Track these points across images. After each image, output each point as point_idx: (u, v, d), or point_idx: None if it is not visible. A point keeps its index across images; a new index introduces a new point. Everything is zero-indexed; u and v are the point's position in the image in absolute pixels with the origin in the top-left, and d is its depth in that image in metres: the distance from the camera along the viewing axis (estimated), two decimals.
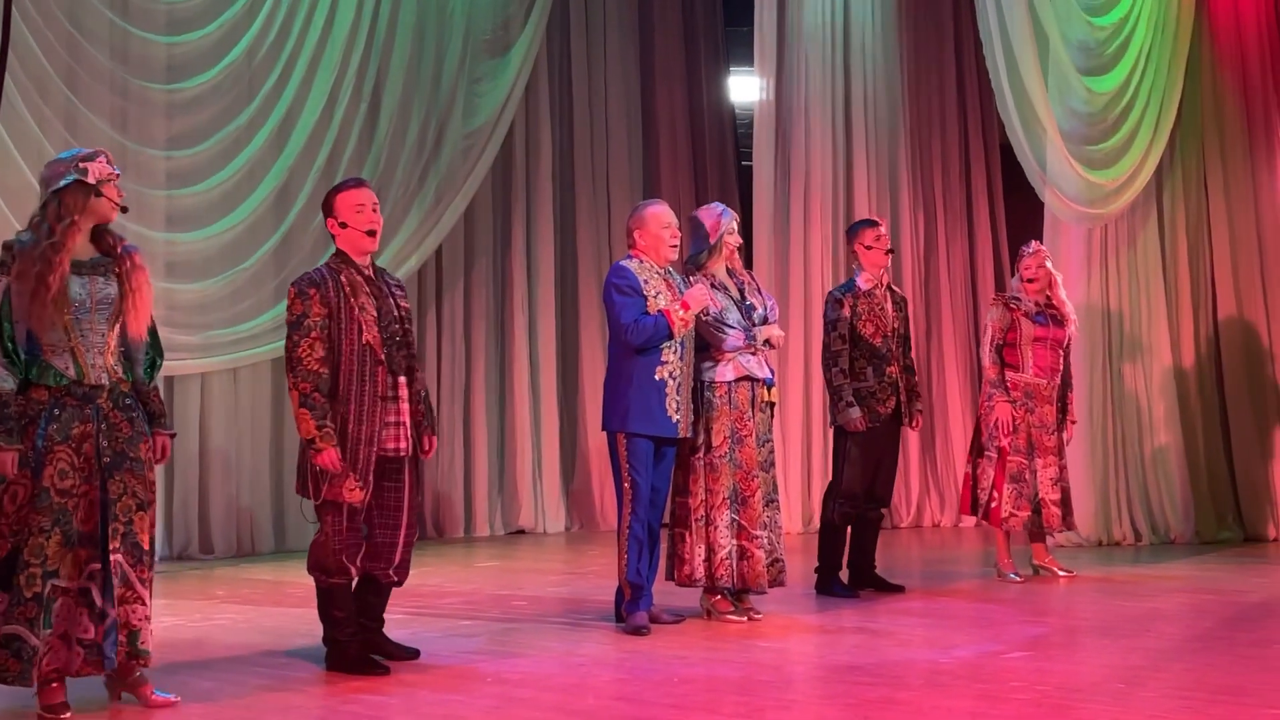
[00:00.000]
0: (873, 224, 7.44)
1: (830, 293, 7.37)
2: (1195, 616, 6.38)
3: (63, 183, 4.51)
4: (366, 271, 5.28)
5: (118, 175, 4.62)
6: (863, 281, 7.26)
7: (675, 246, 6.24)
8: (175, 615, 6.58)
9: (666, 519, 6.30)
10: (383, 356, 5.17)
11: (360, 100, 9.95)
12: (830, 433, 8.09)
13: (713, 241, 6.35)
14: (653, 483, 6.09)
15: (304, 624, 5.88)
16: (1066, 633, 6.10)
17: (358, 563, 5.20)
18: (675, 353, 6.09)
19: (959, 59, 12.11)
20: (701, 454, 6.19)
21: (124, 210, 4.64)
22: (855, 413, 7.03)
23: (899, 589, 7.21)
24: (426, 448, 5.35)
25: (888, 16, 11.72)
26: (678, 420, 6.07)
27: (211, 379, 9.32)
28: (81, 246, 4.56)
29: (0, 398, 4.35)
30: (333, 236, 5.34)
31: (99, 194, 4.55)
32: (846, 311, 7.14)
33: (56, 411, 4.44)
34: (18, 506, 4.37)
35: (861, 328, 7.15)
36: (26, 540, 4.35)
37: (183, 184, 9.15)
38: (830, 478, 7.38)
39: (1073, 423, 7.89)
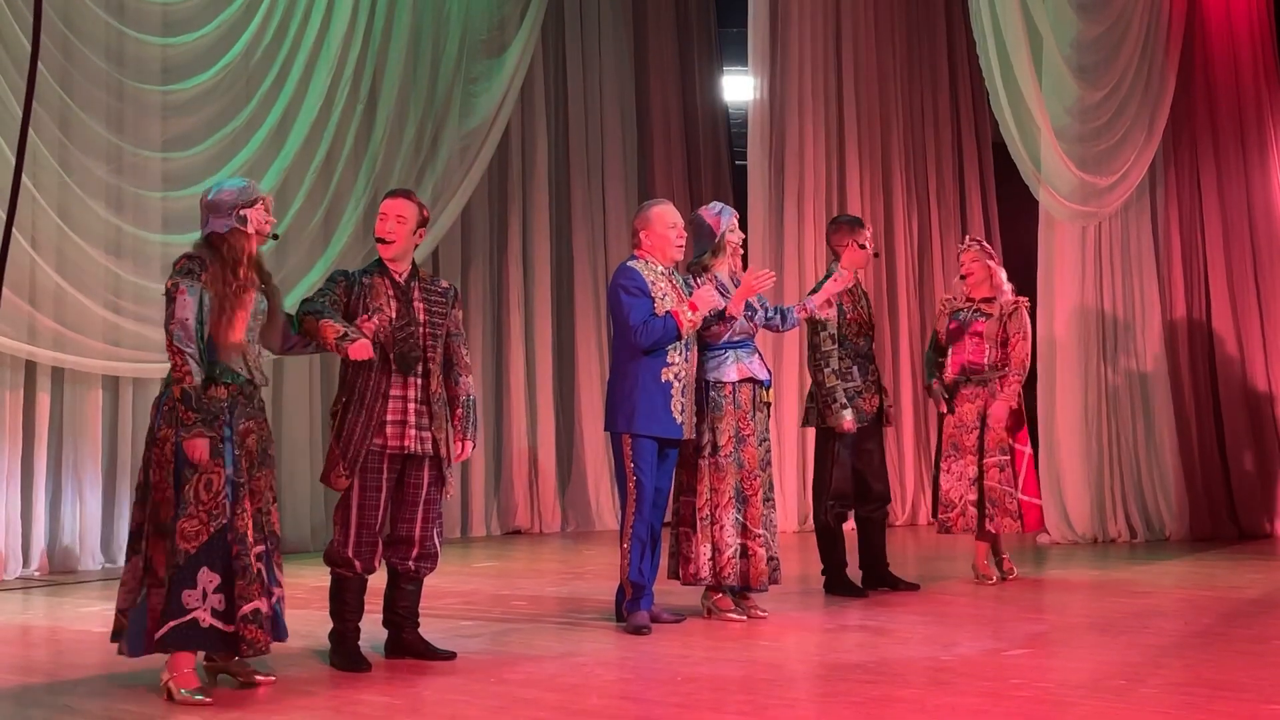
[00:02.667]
0: (863, 224, 7.37)
1: (813, 291, 7.18)
2: (1193, 613, 6.39)
3: (225, 229, 4.88)
4: (397, 278, 5.34)
5: (272, 222, 5.00)
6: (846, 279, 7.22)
7: (681, 246, 6.24)
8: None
9: (669, 518, 6.31)
10: (391, 355, 5.22)
11: (357, 101, 9.95)
12: (807, 433, 8.04)
13: (715, 241, 6.37)
14: (656, 483, 6.10)
15: (306, 624, 5.88)
16: (1066, 630, 6.11)
17: (375, 561, 5.28)
18: (681, 354, 6.11)
19: (951, 58, 12.14)
20: (707, 454, 6.21)
21: (275, 238, 5.07)
22: (849, 415, 6.95)
23: (913, 587, 7.20)
24: (459, 451, 5.43)
25: (880, 16, 11.74)
26: (682, 422, 6.09)
27: None
28: None
29: (194, 390, 4.67)
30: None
31: (256, 235, 4.95)
32: (834, 311, 7.03)
33: (233, 408, 4.79)
34: (213, 494, 4.69)
35: (846, 327, 7.06)
36: (227, 524, 4.69)
37: (179, 185, 9.13)
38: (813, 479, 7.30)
39: (1008, 406, 7.38)
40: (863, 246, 7.18)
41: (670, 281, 6.19)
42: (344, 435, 5.18)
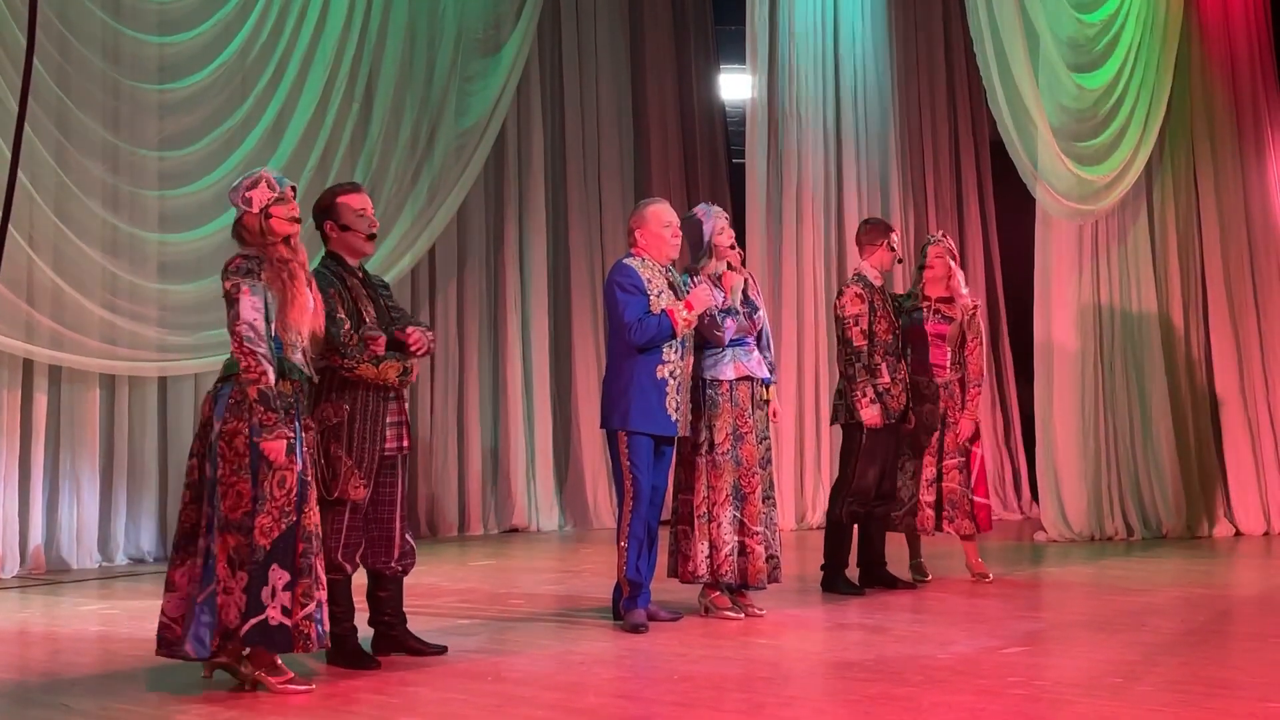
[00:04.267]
0: (892, 227, 7.45)
1: (848, 286, 7.25)
2: (1189, 611, 6.40)
3: (240, 214, 4.90)
4: (359, 275, 5.36)
5: (281, 193, 4.90)
6: (872, 277, 7.23)
7: (676, 245, 6.26)
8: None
9: (667, 516, 6.32)
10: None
11: (352, 100, 9.94)
12: (829, 429, 8.04)
13: (705, 243, 6.39)
14: (652, 481, 6.11)
15: None
16: (1062, 628, 6.12)
17: (356, 560, 5.28)
18: (676, 352, 6.12)
19: (949, 56, 12.14)
20: (704, 451, 6.22)
21: (297, 221, 4.96)
22: (877, 409, 6.99)
23: (910, 585, 7.22)
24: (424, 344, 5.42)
25: (878, 14, 11.75)
26: (677, 419, 6.11)
27: (205, 380, 9.27)
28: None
29: (270, 390, 4.71)
30: (325, 239, 5.39)
31: (268, 215, 4.88)
32: (865, 306, 7.09)
33: (297, 404, 4.84)
34: (285, 491, 4.72)
35: (876, 324, 7.12)
36: (306, 523, 4.75)
37: (175, 184, 9.13)
38: (826, 475, 7.35)
39: (973, 420, 7.37)
40: (891, 249, 7.26)
41: (667, 280, 6.20)
42: (355, 444, 5.16)
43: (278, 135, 9.53)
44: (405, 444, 5.32)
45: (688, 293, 6.19)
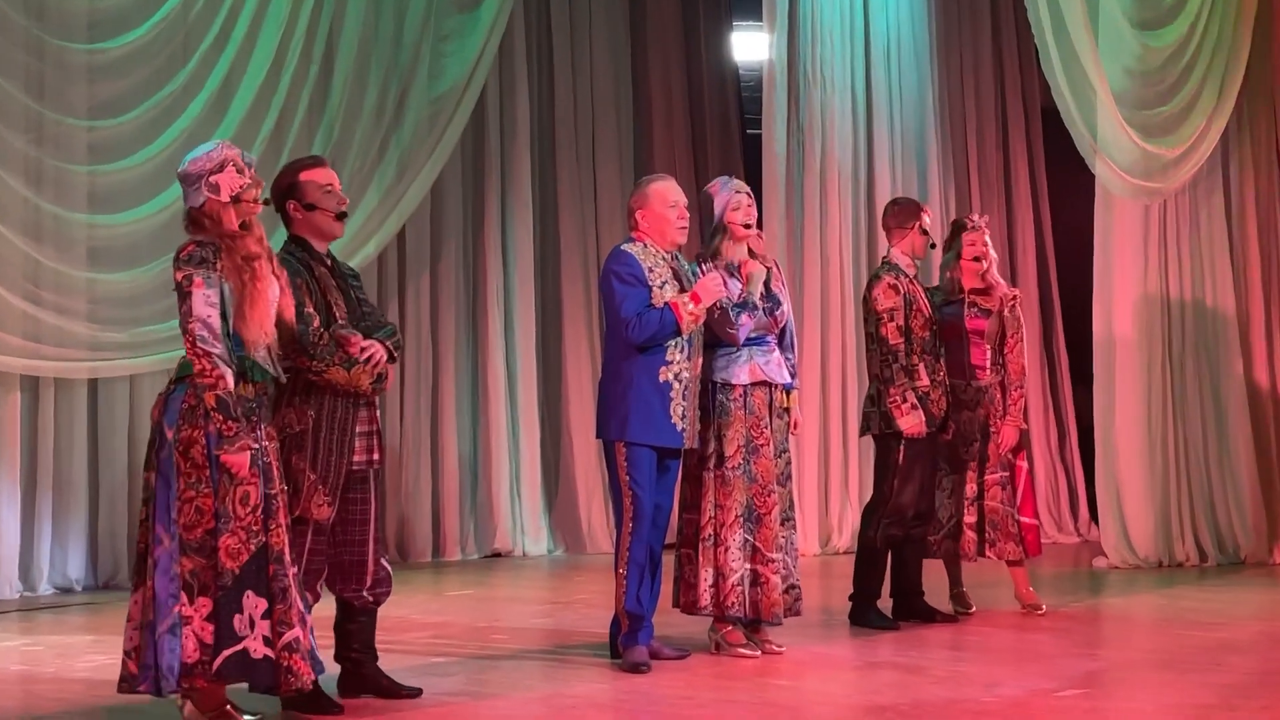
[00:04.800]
0: (924, 207, 7.42)
1: (877, 275, 7.25)
2: (1271, 647, 6.40)
3: (200, 201, 4.88)
4: (328, 262, 5.38)
5: (250, 181, 4.93)
6: (905, 265, 7.23)
7: (684, 228, 6.24)
8: (103, 653, 6.51)
9: (672, 539, 6.32)
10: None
11: (310, 62, 9.91)
12: (859, 443, 8.00)
13: (715, 222, 6.39)
14: (655, 499, 6.10)
15: None
16: (1125, 668, 6.12)
17: (318, 588, 5.29)
18: (682, 351, 6.11)
19: (995, 10, 12.14)
20: (712, 465, 6.22)
21: (267, 203, 5.06)
22: (919, 416, 6.99)
23: (950, 618, 7.23)
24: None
25: None
26: (683, 429, 6.10)
27: (142, 382, 9.28)
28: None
29: (229, 395, 4.70)
30: (288, 221, 5.39)
31: (238, 201, 4.90)
32: (901, 298, 7.09)
33: (259, 409, 4.85)
34: (250, 508, 4.73)
35: (912, 319, 7.11)
36: (272, 541, 4.75)
37: (108, 158, 9.12)
38: (855, 492, 7.35)
39: (1016, 428, 7.42)
40: (924, 232, 7.26)
41: (672, 268, 6.20)
42: (320, 457, 5.17)
43: (225, 102, 9.51)
44: (376, 457, 5.33)
45: (695, 283, 6.18)
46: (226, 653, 4.67)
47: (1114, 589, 8.65)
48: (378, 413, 5.36)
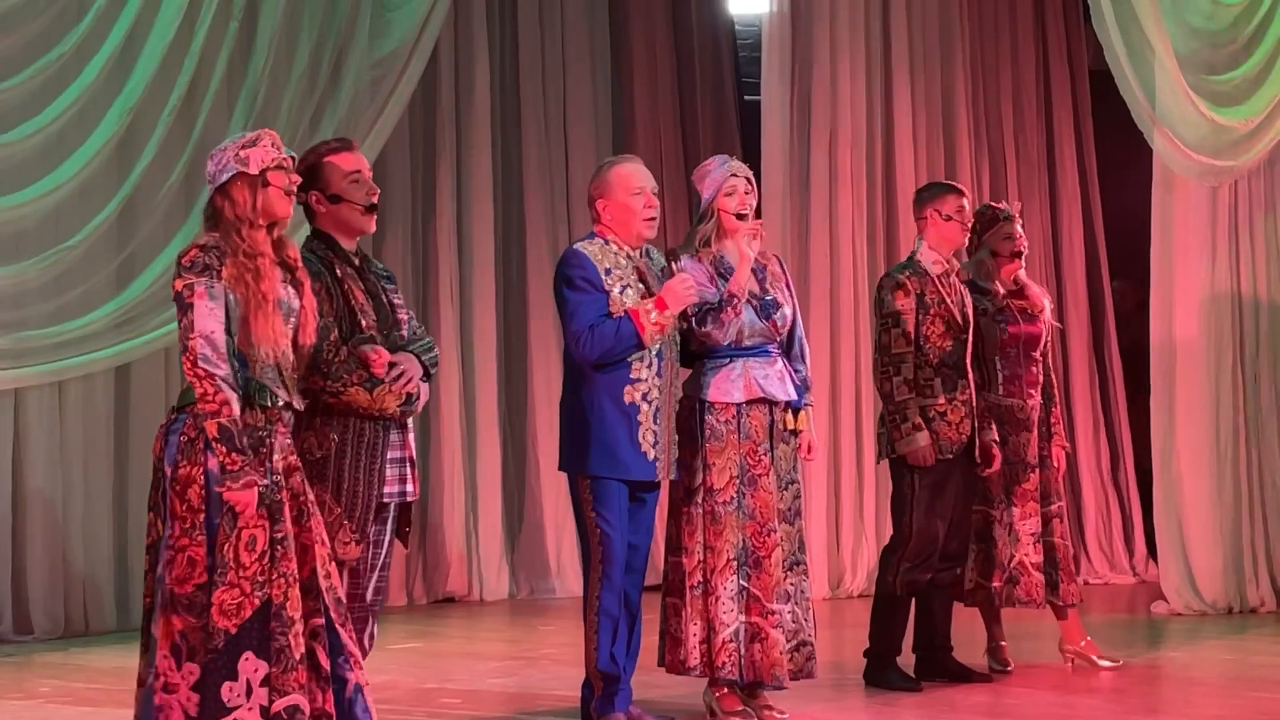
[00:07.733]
0: (956, 190, 7.40)
1: (888, 275, 7.27)
2: None
3: (225, 177, 4.93)
4: (356, 261, 5.42)
5: (288, 159, 5.02)
6: (930, 263, 7.21)
7: (651, 220, 6.18)
8: None
9: (657, 580, 6.30)
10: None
11: (229, 17, 9.87)
12: (875, 469, 7.98)
13: (703, 208, 6.36)
14: (629, 538, 6.07)
15: None
16: None
17: (365, 640, 5.41)
18: (650, 367, 6.08)
19: None
20: (700, 499, 6.19)
21: (300, 200, 5.14)
22: (923, 439, 6.96)
23: (985, 678, 7.22)
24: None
25: None
26: (656, 458, 6.07)
27: (27, 396, 9.25)
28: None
29: (234, 424, 4.69)
30: (311, 215, 5.45)
31: (265, 184, 4.95)
32: (912, 301, 7.09)
33: (270, 438, 4.84)
34: (257, 556, 4.71)
35: (928, 326, 7.09)
36: (274, 594, 4.72)
37: None
38: (871, 526, 7.35)
39: (1062, 448, 7.60)
40: (948, 218, 7.22)
41: (638, 268, 6.16)
42: (345, 487, 5.20)
43: (126, 65, 9.47)
44: (411, 488, 5.37)
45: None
46: None
47: (1176, 640, 8.66)
48: (411, 435, 5.38)
